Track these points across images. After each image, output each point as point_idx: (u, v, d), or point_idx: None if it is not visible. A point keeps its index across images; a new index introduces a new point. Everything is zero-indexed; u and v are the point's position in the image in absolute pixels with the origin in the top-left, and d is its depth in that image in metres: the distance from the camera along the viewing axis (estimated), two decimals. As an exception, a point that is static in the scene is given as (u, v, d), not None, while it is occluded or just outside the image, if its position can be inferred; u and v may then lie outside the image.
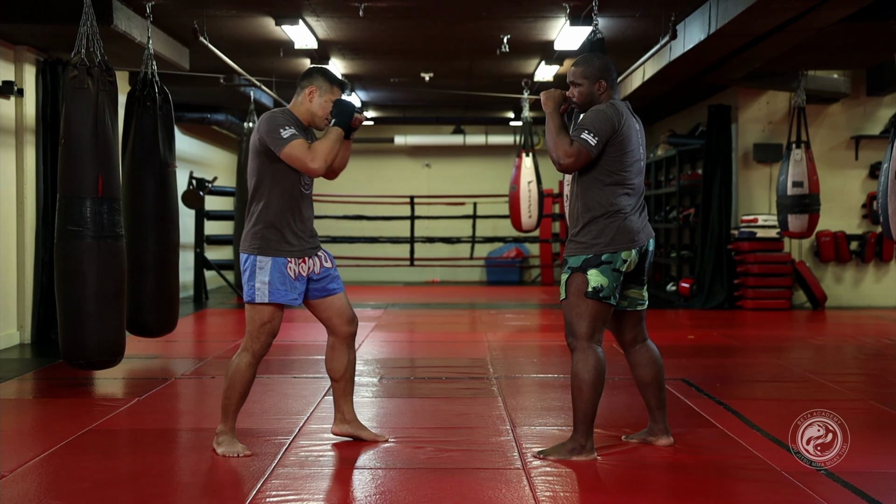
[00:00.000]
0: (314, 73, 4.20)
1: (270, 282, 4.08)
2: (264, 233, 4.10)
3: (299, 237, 4.14)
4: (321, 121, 4.19)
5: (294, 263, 4.12)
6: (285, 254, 4.10)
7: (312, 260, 4.20)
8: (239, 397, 4.18)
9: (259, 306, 4.12)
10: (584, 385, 4.04)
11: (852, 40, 8.34)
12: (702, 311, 10.64)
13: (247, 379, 4.17)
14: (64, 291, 5.49)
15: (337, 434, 4.41)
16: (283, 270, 4.09)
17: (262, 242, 4.09)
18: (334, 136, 4.08)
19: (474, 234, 14.46)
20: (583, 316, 4.06)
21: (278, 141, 4.00)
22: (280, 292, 4.09)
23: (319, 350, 7.31)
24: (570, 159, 4.02)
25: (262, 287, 4.09)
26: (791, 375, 6.35)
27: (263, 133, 4.04)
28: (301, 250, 4.14)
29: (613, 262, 4.03)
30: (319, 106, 4.17)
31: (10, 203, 7.67)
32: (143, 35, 6.62)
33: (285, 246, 4.10)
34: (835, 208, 10.94)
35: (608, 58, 4.27)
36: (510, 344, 8.13)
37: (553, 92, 4.18)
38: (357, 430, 4.39)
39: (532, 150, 10.97)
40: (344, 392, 4.36)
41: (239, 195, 11.03)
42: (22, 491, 3.67)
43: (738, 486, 3.81)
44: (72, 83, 5.42)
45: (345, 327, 4.30)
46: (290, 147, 3.99)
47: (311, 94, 4.17)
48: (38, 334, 7.82)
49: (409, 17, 8.10)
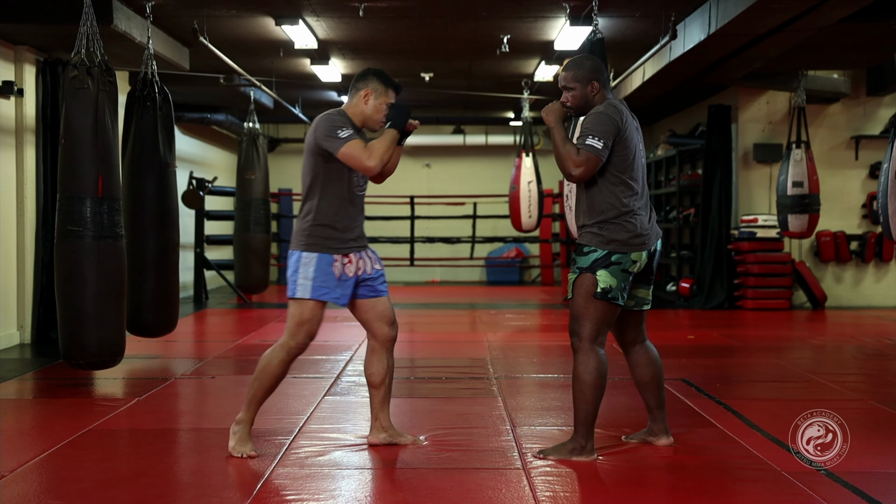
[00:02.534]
0: (370, 76, 4.20)
1: (315, 278, 4.07)
2: (313, 230, 4.10)
3: (347, 235, 4.14)
4: (375, 123, 4.20)
5: (340, 262, 4.10)
6: (332, 250, 4.09)
7: (362, 260, 4.19)
8: (266, 391, 4.15)
9: (300, 302, 4.10)
10: (585, 386, 4.04)
11: (852, 40, 8.34)
12: (702, 311, 10.64)
13: (277, 375, 4.15)
14: (64, 291, 5.49)
15: (374, 444, 4.33)
16: (327, 268, 4.08)
17: (310, 239, 4.10)
18: (390, 136, 4.10)
19: (474, 234, 14.46)
20: (589, 317, 4.05)
21: (336, 141, 4.02)
22: (323, 289, 4.08)
23: (319, 350, 7.32)
24: (581, 168, 4.00)
25: (304, 283, 4.08)
26: (791, 375, 6.35)
27: (321, 133, 4.05)
28: (348, 248, 4.13)
29: (623, 263, 4.03)
30: (374, 108, 4.18)
31: (10, 203, 7.67)
32: (143, 35, 6.61)
33: (332, 242, 4.10)
34: (835, 208, 10.94)
35: (597, 58, 4.26)
36: (510, 344, 8.13)
37: (553, 105, 4.17)
38: (395, 438, 4.34)
39: (532, 150, 10.97)
40: (383, 399, 4.31)
41: (239, 195, 11.03)
42: (22, 491, 3.67)
43: (738, 486, 3.81)
44: (72, 83, 5.41)
45: (386, 329, 4.27)
46: (348, 146, 4.01)
47: (366, 96, 4.17)
48: (38, 334, 7.82)
49: (409, 17, 8.10)
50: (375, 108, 4.18)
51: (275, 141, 15.84)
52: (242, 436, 4.15)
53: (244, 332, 8.70)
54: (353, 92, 4.21)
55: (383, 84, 4.19)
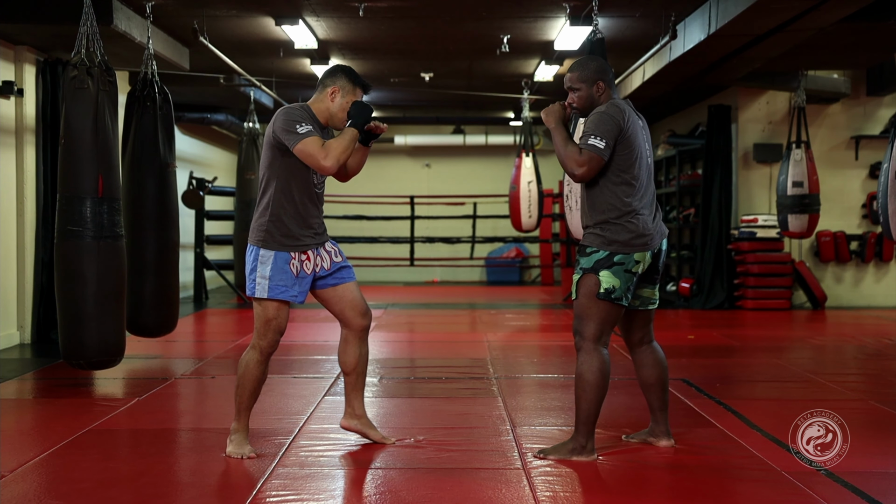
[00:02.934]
0: (338, 73, 4.16)
1: (271, 276, 4.05)
2: (269, 226, 4.06)
3: (304, 233, 4.10)
4: (340, 122, 4.15)
5: (297, 260, 4.08)
6: (288, 248, 4.06)
7: (319, 256, 4.16)
8: (249, 395, 4.14)
9: (264, 302, 4.09)
10: (588, 386, 4.04)
11: (852, 40, 8.34)
12: (702, 311, 10.65)
13: (256, 377, 4.13)
14: (64, 291, 5.49)
15: (345, 428, 4.37)
16: (284, 266, 4.05)
17: (267, 235, 4.06)
18: (349, 136, 4.04)
19: (474, 234, 14.45)
20: (592, 317, 4.05)
21: (293, 136, 3.96)
22: (280, 288, 4.06)
23: (319, 350, 7.32)
24: (583, 168, 3.99)
25: (262, 282, 4.06)
26: (791, 375, 6.35)
27: (278, 127, 4.00)
28: (305, 245, 4.10)
29: (626, 264, 4.02)
30: (340, 107, 4.13)
31: (10, 203, 7.67)
32: (143, 35, 6.62)
33: (289, 240, 4.06)
34: (835, 208, 10.94)
35: (602, 59, 4.26)
36: (510, 344, 8.13)
37: (552, 107, 4.16)
38: (365, 428, 4.35)
39: (532, 150, 10.97)
40: (354, 386, 4.31)
41: (239, 195, 11.03)
42: (22, 491, 3.67)
43: (738, 486, 3.81)
44: (72, 83, 5.41)
45: (358, 319, 4.25)
46: (304, 143, 3.95)
47: (333, 93, 4.13)
48: (38, 334, 7.82)
49: (409, 17, 8.10)
50: (341, 107, 4.12)
51: (275, 141, 15.81)
52: (239, 440, 4.14)
53: (244, 332, 8.70)
54: (321, 88, 4.15)
55: (351, 82, 4.14)
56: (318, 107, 4.14)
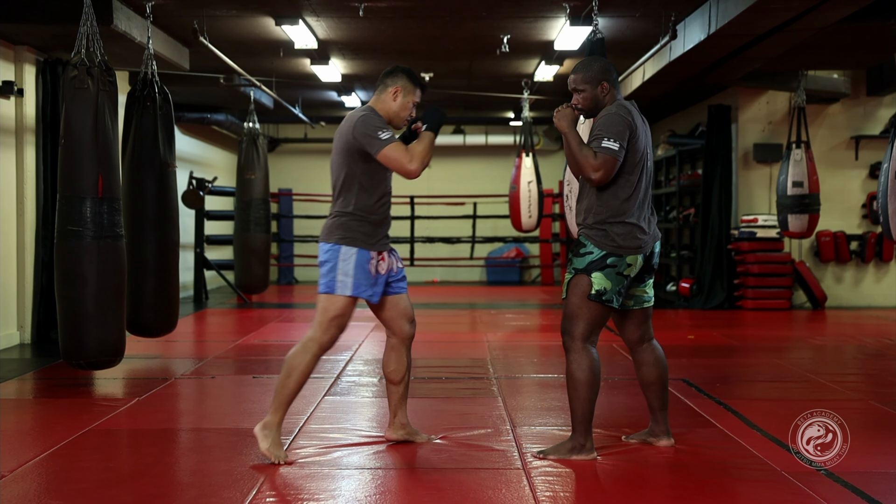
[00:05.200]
0: (399, 73, 4.22)
1: (355, 274, 4.07)
2: (351, 224, 4.09)
3: (382, 232, 4.16)
4: (401, 121, 4.21)
5: (375, 259, 4.12)
6: (369, 246, 4.10)
7: (391, 258, 4.22)
8: (298, 390, 4.10)
9: (335, 297, 4.08)
10: (579, 385, 4.04)
11: (852, 40, 8.34)
12: (702, 311, 10.64)
13: (310, 372, 4.11)
14: (64, 291, 5.49)
15: (391, 440, 4.37)
16: (365, 265, 4.08)
17: (349, 233, 4.08)
18: (429, 140, 4.10)
19: (474, 234, 14.45)
20: (582, 318, 4.06)
21: (377, 142, 4.01)
22: (362, 287, 4.08)
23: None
24: (600, 172, 3.99)
25: (344, 279, 4.07)
26: (791, 375, 6.35)
27: (360, 133, 4.03)
28: (382, 245, 4.16)
29: (618, 266, 4.03)
30: (401, 106, 4.18)
31: (10, 203, 7.67)
32: (143, 35, 6.61)
33: (370, 239, 4.10)
34: (835, 208, 10.94)
35: (606, 59, 4.26)
36: (510, 344, 8.13)
37: (564, 111, 4.16)
38: (412, 436, 4.37)
39: (532, 150, 10.97)
40: (402, 396, 4.33)
41: (239, 195, 11.03)
42: (22, 491, 3.67)
43: (738, 486, 3.81)
44: (72, 83, 5.41)
45: (407, 328, 4.30)
46: (389, 149, 4.00)
47: (395, 93, 4.18)
48: (38, 334, 7.82)
49: (409, 17, 8.10)
50: (402, 106, 4.19)
51: (275, 141, 15.84)
52: (276, 439, 4.06)
53: (244, 332, 8.70)
54: (382, 88, 4.21)
55: (412, 82, 4.22)
56: (381, 107, 4.20)
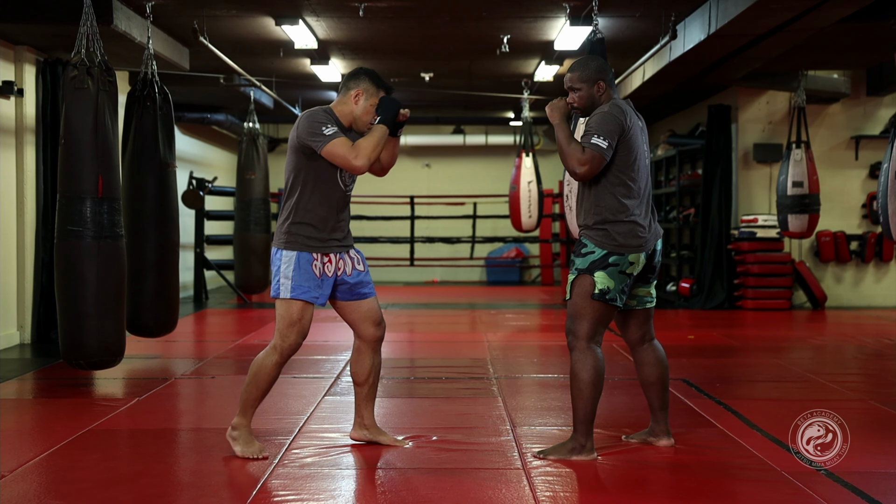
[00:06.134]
0: (361, 75, 4.14)
1: (293, 277, 4.04)
2: (292, 228, 4.06)
3: (328, 236, 4.09)
4: (364, 125, 4.12)
5: (319, 260, 4.07)
6: (310, 249, 4.05)
7: (342, 259, 4.15)
8: (261, 394, 4.13)
9: (288, 303, 4.07)
10: (583, 385, 4.05)
11: (852, 40, 8.34)
12: (702, 311, 10.64)
13: (272, 378, 4.12)
14: (64, 291, 5.49)
15: (355, 439, 4.36)
16: (307, 267, 4.05)
17: (289, 237, 4.06)
18: (380, 133, 4.03)
19: (474, 234, 14.45)
20: (586, 317, 4.06)
21: (320, 138, 3.95)
22: (302, 288, 4.04)
23: (319, 350, 7.32)
24: (585, 167, 4.00)
25: (285, 282, 4.05)
26: (791, 375, 6.35)
27: (303, 131, 3.99)
28: (328, 246, 4.09)
29: (620, 265, 4.03)
30: (364, 109, 4.11)
31: (10, 203, 7.67)
32: (143, 35, 6.61)
33: (312, 241, 4.06)
34: (835, 208, 10.94)
35: (602, 58, 4.26)
36: (510, 344, 8.13)
37: (557, 103, 4.16)
38: (375, 436, 4.35)
39: (532, 150, 10.96)
40: (366, 397, 4.31)
41: (239, 195, 11.03)
42: (22, 491, 3.67)
43: (738, 486, 3.81)
44: (72, 83, 5.41)
45: (372, 330, 4.25)
46: (332, 145, 3.94)
47: (357, 96, 4.11)
48: (38, 334, 7.82)
49: (409, 17, 8.10)
50: (365, 110, 4.11)
51: (275, 141, 15.83)
52: (245, 438, 4.12)
53: (244, 332, 8.70)
54: (344, 91, 4.14)
55: (375, 85, 4.12)
56: (342, 109, 4.13)
